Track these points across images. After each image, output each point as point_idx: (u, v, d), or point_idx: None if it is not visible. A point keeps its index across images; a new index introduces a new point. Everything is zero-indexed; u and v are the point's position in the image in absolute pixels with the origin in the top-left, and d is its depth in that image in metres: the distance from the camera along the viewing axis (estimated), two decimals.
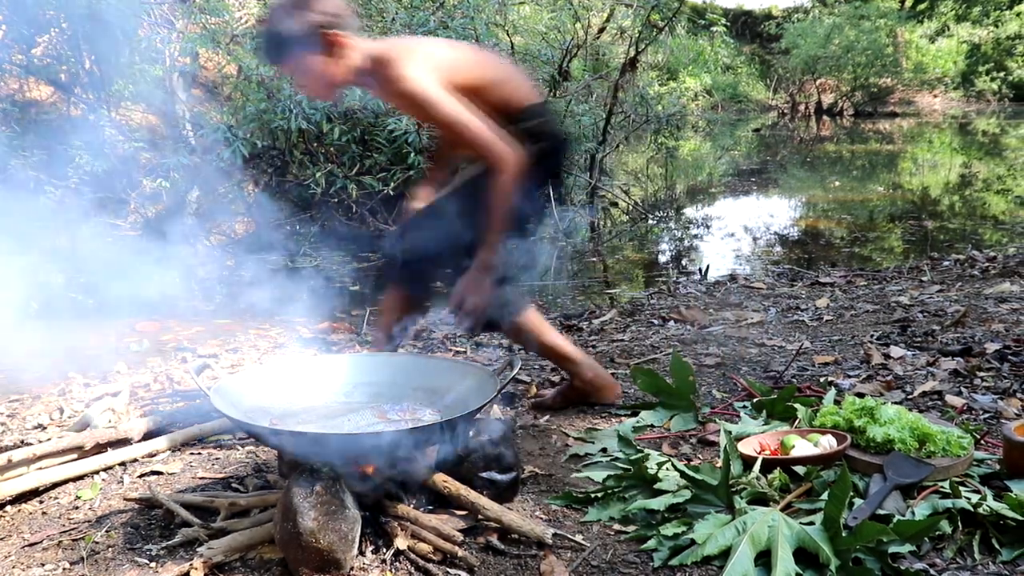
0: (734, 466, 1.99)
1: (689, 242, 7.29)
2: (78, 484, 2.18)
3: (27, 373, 3.53)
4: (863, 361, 3.07)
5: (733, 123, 20.47)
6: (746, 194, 10.27)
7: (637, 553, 1.76)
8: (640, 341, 3.57)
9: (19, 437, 2.57)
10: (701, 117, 17.33)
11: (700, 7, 13.19)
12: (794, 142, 17.18)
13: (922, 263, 5.34)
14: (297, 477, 1.72)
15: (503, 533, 1.81)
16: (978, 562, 1.67)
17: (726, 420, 2.43)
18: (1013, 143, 15.48)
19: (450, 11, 6.98)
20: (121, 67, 5.48)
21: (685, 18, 10.46)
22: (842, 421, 2.14)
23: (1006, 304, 3.89)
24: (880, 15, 22.68)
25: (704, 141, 16.69)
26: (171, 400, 2.90)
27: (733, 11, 26.44)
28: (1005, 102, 25.02)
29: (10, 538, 1.91)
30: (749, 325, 3.76)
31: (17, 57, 5.44)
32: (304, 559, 1.63)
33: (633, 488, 1.98)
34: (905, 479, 1.87)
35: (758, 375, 2.97)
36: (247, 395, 2.03)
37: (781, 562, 1.62)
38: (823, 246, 6.78)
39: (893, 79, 23.82)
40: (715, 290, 4.81)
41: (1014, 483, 1.88)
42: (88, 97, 5.78)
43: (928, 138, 17.42)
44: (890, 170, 12.33)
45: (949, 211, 8.48)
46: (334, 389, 2.19)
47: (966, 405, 2.52)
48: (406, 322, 2.49)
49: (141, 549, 1.81)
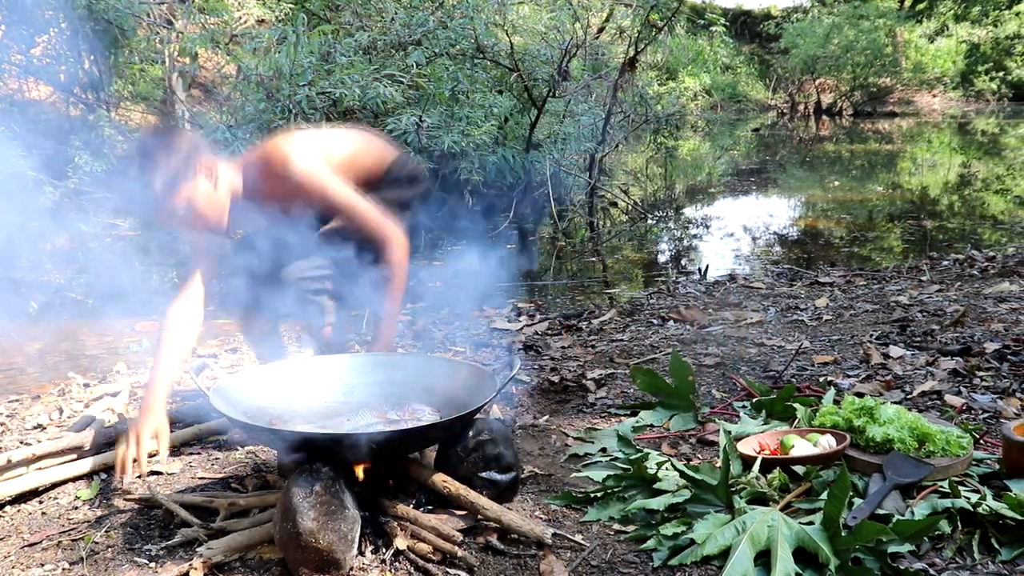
0: (733, 466, 1.99)
1: (688, 242, 7.29)
2: (77, 484, 2.18)
3: (27, 373, 3.54)
4: (862, 361, 3.07)
5: (732, 123, 20.48)
6: (745, 194, 10.27)
7: (637, 553, 1.76)
8: (639, 341, 3.57)
9: (19, 437, 2.57)
10: (700, 117, 17.34)
11: (699, 7, 13.21)
12: (793, 142, 17.19)
13: (921, 263, 5.35)
14: (296, 477, 1.72)
15: (502, 533, 1.81)
16: (977, 562, 1.67)
17: (725, 420, 2.43)
18: (1012, 143, 15.49)
19: (449, 11, 6.99)
20: (120, 67, 5.48)
21: (684, 18, 10.48)
22: (841, 421, 2.14)
23: (1005, 304, 3.90)
24: (879, 15, 22.69)
25: (703, 141, 16.70)
26: (171, 400, 2.90)
27: (732, 11, 26.46)
28: (1004, 102, 25.03)
29: (10, 538, 1.91)
30: (748, 325, 3.76)
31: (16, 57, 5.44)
32: (304, 559, 1.63)
33: (633, 488, 1.99)
34: (904, 479, 1.87)
35: (757, 375, 2.97)
36: (246, 395, 2.03)
37: (780, 562, 1.62)
38: (822, 246, 6.78)
39: (892, 79, 23.82)
40: (714, 290, 4.81)
41: (1013, 483, 1.88)
42: (87, 97, 5.78)
43: (927, 138, 17.44)
44: (889, 170, 12.33)
45: (948, 211, 8.48)
46: (334, 389, 2.19)
47: (965, 405, 2.53)
48: (272, 335, 2.54)
49: (140, 549, 1.82)
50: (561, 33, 8.55)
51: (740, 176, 11.73)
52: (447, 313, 4.20)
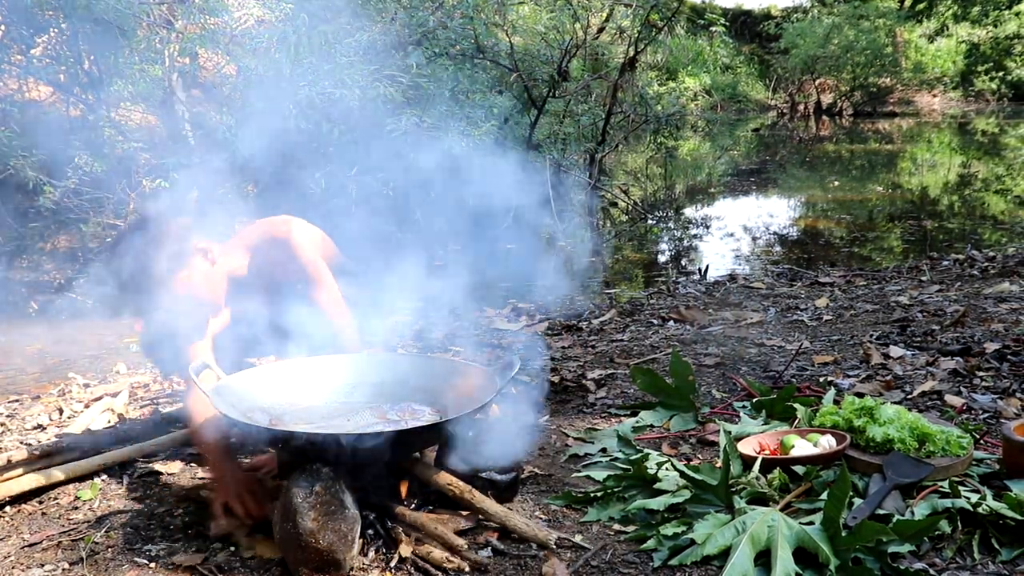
0: (734, 466, 1.99)
1: (688, 242, 7.29)
2: (78, 484, 2.18)
3: (27, 373, 3.54)
4: (862, 361, 3.07)
5: (732, 123, 20.46)
6: (745, 194, 10.27)
7: (637, 553, 1.76)
8: (639, 341, 3.57)
9: (19, 437, 2.57)
10: (700, 117, 17.30)
11: (699, 7, 13.21)
12: (793, 142, 17.18)
13: (921, 263, 5.34)
14: (297, 477, 1.72)
15: (503, 533, 1.81)
16: (977, 562, 1.67)
17: (726, 420, 2.43)
18: (1012, 143, 15.48)
19: (449, 11, 6.98)
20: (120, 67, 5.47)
21: (684, 18, 10.47)
22: (841, 421, 2.14)
23: (1005, 304, 3.89)
24: (879, 15, 22.66)
25: (703, 141, 16.68)
26: (170, 400, 2.90)
27: (732, 11, 26.44)
28: (1004, 102, 25.00)
29: (10, 538, 1.91)
30: (748, 325, 3.76)
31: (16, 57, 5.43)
32: (304, 559, 1.63)
33: (633, 488, 1.98)
34: (904, 479, 1.87)
35: (757, 375, 2.97)
36: (247, 395, 2.03)
37: (780, 562, 1.62)
38: (822, 246, 6.78)
39: (892, 79, 23.80)
40: (714, 290, 4.81)
41: (1014, 483, 1.88)
42: (88, 97, 5.77)
43: (927, 138, 17.42)
44: (889, 170, 12.32)
45: (948, 211, 8.48)
46: (334, 389, 2.19)
47: (965, 405, 2.52)
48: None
49: (141, 550, 1.82)
50: (561, 33, 8.54)
51: (740, 176, 11.72)
52: (447, 313, 4.20)
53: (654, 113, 8.94)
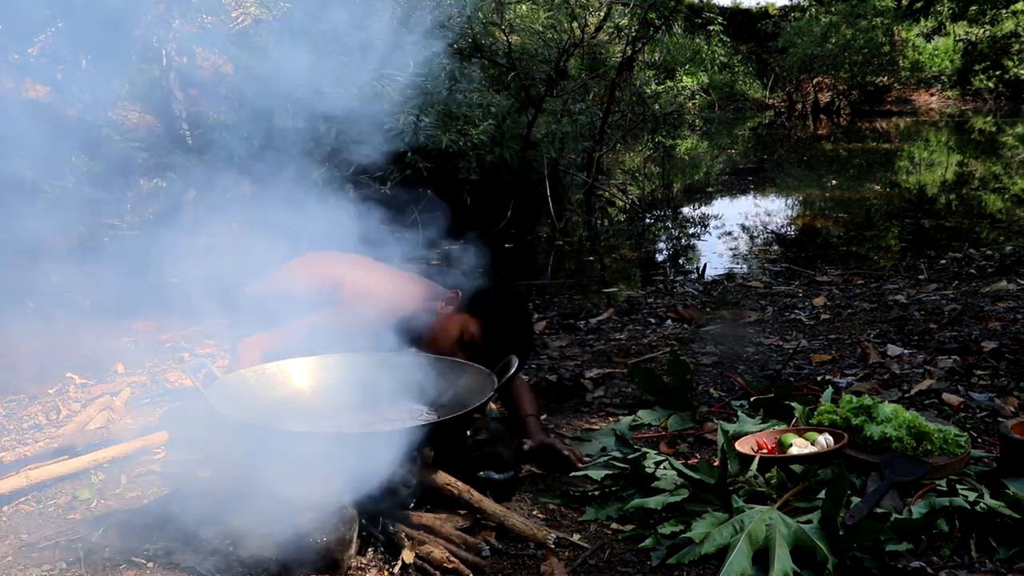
0: (731, 465, 1.99)
1: (686, 241, 7.29)
2: (75, 484, 2.17)
3: (24, 373, 3.53)
4: (860, 359, 3.08)
5: (730, 122, 20.45)
6: (743, 193, 10.27)
7: (635, 552, 1.76)
8: (637, 340, 3.57)
9: (16, 437, 2.56)
10: (698, 116, 17.29)
11: (696, 5, 13.22)
12: (791, 141, 17.18)
13: (919, 261, 5.35)
14: None
15: (501, 532, 1.81)
16: (975, 560, 1.67)
17: (723, 419, 2.44)
18: (1009, 141, 15.49)
19: (448, 11, 6.97)
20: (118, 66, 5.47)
21: (682, 17, 10.48)
22: (839, 419, 2.14)
23: (1003, 302, 3.90)
24: (876, 13, 22.65)
25: (701, 140, 16.68)
26: (169, 400, 2.89)
27: (730, 10, 26.42)
28: (1001, 100, 25.01)
29: (7, 538, 1.91)
30: (746, 324, 3.76)
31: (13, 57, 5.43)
32: (302, 559, 1.63)
33: (630, 487, 1.99)
34: (902, 477, 1.87)
35: (755, 374, 2.97)
36: (245, 395, 2.03)
37: (778, 560, 1.62)
38: (820, 245, 6.78)
39: (890, 78, 23.81)
40: (712, 289, 4.82)
41: (1011, 481, 1.88)
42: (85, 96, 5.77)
43: (925, 136, 17.43)
44: (887, 168, 12.33)
45: (946, 209, 8.48)
46: (333, 389, 2.19)
47: (963, 403, 2.53)
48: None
49: (138, 549, 1.81)
50: (558, 32, 8.55)
51: (738, 175, 11.72)
52: None
53: (652, 112, 8.95)
